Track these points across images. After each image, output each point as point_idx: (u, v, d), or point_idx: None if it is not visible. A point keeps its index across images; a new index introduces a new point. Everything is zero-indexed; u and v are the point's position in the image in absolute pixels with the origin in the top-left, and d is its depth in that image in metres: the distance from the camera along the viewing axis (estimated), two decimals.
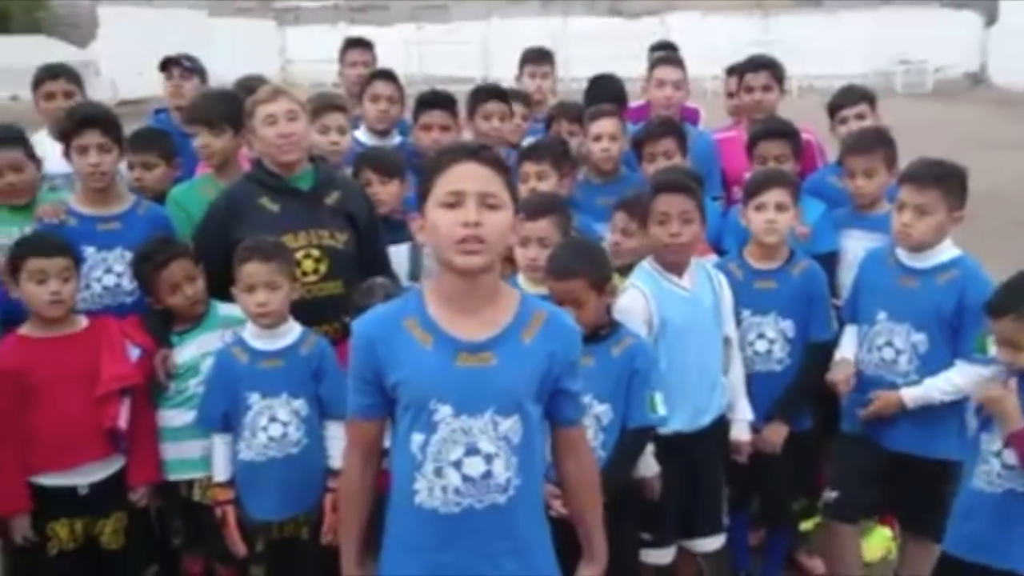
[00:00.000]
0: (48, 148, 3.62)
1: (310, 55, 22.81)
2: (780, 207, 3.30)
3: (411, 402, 2.06)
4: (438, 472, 2.05)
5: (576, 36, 14.99)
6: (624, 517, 2.92)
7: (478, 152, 2.06)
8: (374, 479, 2.22)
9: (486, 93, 4.24)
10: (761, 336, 3.33)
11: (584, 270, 2.81)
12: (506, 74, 5.63)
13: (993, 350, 2.82)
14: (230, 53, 21.18)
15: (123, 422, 2.97)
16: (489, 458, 2.05)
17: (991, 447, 2.72)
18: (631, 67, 6.84)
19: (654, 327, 3.04)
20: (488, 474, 2.05)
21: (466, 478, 2.05)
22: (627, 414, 2.86)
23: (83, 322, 3.07)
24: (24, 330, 3.02)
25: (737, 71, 4.41)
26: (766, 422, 3.32)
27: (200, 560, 3.28)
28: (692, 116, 4.73)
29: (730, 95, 4.75)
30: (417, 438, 2.06)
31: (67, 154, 3.26)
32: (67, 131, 3.24)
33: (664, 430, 2.99)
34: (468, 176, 2.00)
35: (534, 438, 2.13)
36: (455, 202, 1.99)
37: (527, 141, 4.29)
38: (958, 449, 3.01)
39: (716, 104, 5.12)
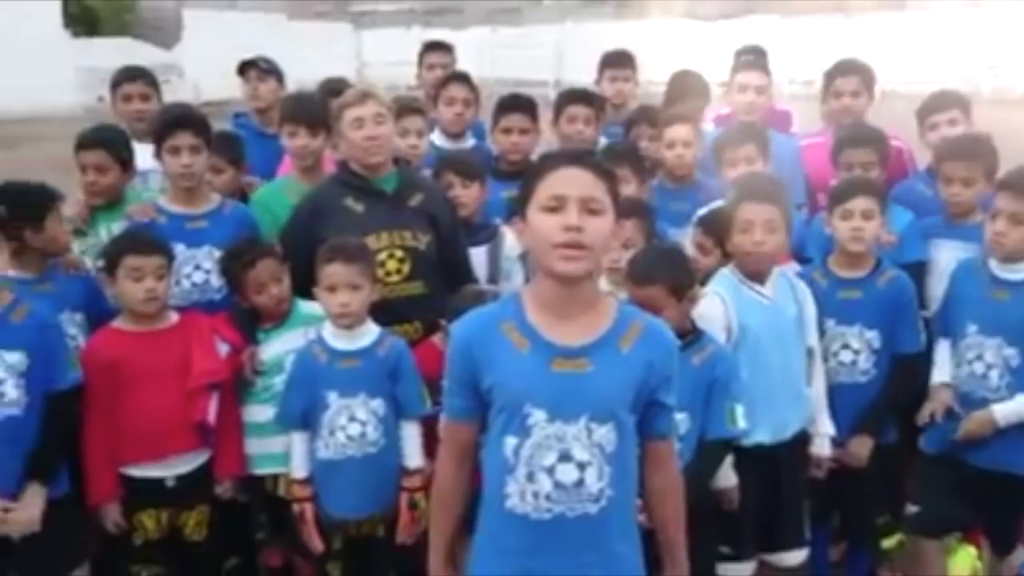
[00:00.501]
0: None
1: (385, 58, 23.08)
2: (866, 215, 3.22)
3: (505, 405, 2.07)
4: (530, 477, 2.05)
5: (651, 40, 14.86)
6: (702, 529, 2.87)
7: (582, 157, 2.06)
8: (467, 481, 2.22)
9: (572, 96, 4.23)
10: (846, 347, 3.25)
11: (664, 276, 2.79)
12: (579, 78, 5.60)
13: None
14: (308, 56, 21.64)
15: (211, 416, 3.05)
16: (582, 466, 2.04)
17: None
18: (708, 71, 6.75)
19: (733, 335, 3.00)
20: (580, 482, 2.04)
21: (558, 484, 2.04)
22: (706, 425, 2.83)
23: (174, 317, 3.15)
24: (118, 324, 3.11)
25: (826, 75, 4.31)
26: (851, 435, 3.24)
27: (280, 554, 3.34)
28: (783, 120, 4.65)
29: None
30: (510, 441, 2.06)
31: (158, 154, 3.35)
32: (160, 132, 3.34)
33: (746, 442, 2.94)
34: (571, 181, 1.99)
35: (629, 449, 2.11)
36: (557, 206, 1.98)
37: (603, 142, 4.29)
38: None
39: (795, 109, 5.03)
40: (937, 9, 22.79)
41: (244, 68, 4.65)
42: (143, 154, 3.62)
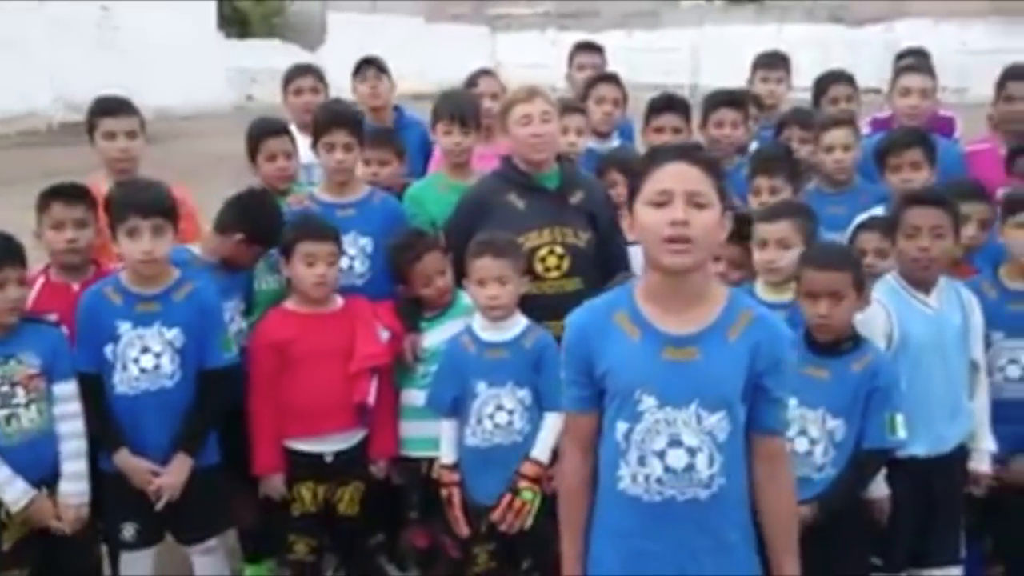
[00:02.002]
0: (298, 141, 3.91)
1: (520, 60, 23.34)
2: None
3: (617, 392, 2.11)
4: (641, 460, 2.09)
5: (793, 43, 14.51)
6: (852, 539, 2.83)
7: (687, 151, 2.09)
8: (593, 473, 2.23)
9: (719, 99, 4.22)
10: (1013, 361, 3.13)
11: (851, 265, 2.78)
12: (716, 81, 5.52)
13: None
14: (445, 58, 22.10)
15: (371, 398, 3.18)
16: (692, 451, 2.07)
17: None
18: (857, 78, 6.54)
19: (894, 343, 2.93)
20: (690, 467, 2.07)
21: (668, 468, 2.07)
22: (864, 433, 2.78)
23: (340, 301, 3.30)
24: (289, 305, 3.29)
25: (999, 79, 4.13)
26: (1013, 453, 3.11)
27: (427, 536, 3.45)
28: (946, 126, 4.49)
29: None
30: (622, 427, 2.11)
31: (315, 147, 3.52)
32: (318, 128, 3.52)
33: (901, 453, 2.87)
34: (676, 175, 2.02)
35: (742, 440, 2.12)
36: (663, 201, 2.02)
37: (754, 146, 4.24)
38: None
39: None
40: None
41: (360, 68, 4.72)
42: (307, 147, 3.81)
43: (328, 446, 3.22)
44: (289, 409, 3.19)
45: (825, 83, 4.58)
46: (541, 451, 3.05)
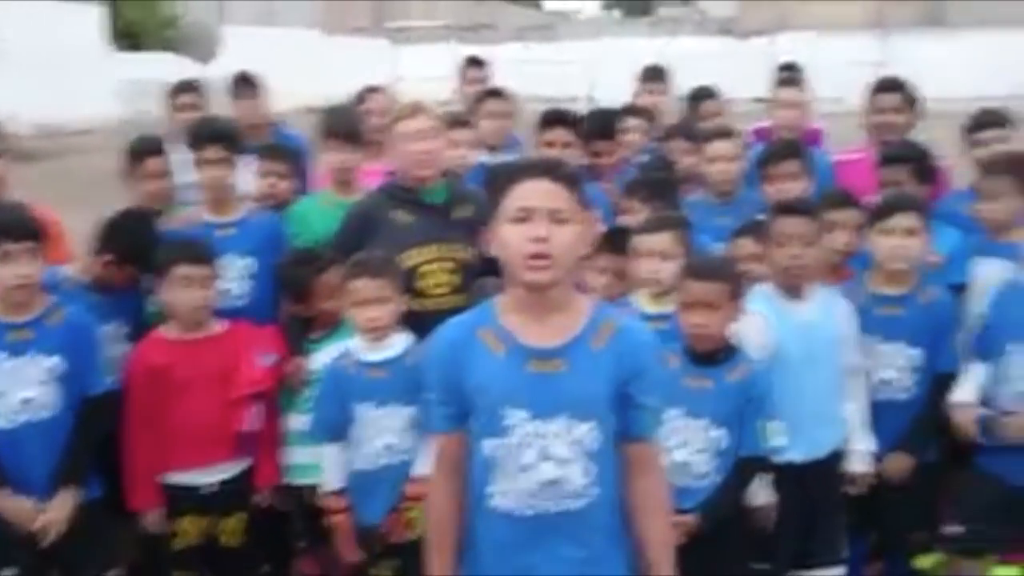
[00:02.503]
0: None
1: (421, 73, 23.26)
2: (909, 232, 3.20)
3: (484, 407, 2.10)
4: (511, 476, 2.08)
5: (684, 56, 14.84)
6: (733, 545, 2.87)
7: (546, 168, 2.10)
8: (462, 496, 2.19)
9: (551, 119, 4.12)
10: (887, 365, 3.22)
11: (728, 275, 2.83)
12: (611, 94, 5.67)
13: None
14: (344, 71, 21.85)
15: (252, 426, 3.09)
16: (563, 463, 2.07)
17: None
18: (741, 88, 6.77)
19: (769, 352, 2.99)
20: (562, 479, 2.07)
21: (539, 482, 2.07)
22: (740, 442, 2.83)
23: (218, 326, 3.20)
24: (163, 331, 3.16)
25: (869, 91, 4.30)
26: (890, 452, 3.21)
27: (317, 563, 3.35)
28: (815, 137, 4.65)
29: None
30: (490, 443, 2.09)
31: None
32: (192, 144, 3.45)
33: (778, 459, 2.93)
34: (537, 192, 2.03)
35: (614, 450, 2.13)
36: (524, 217, 2.02)
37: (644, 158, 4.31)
38: None
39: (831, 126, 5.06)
40: (977, 28, 22.54)
41: (236, 84, 4.67)
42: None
43: (209, 477, 3.12)
44: (168, 439, 3.07)
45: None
46: (424, 467, 3.00)
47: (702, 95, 5.00)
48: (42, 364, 2.86)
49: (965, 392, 3.17)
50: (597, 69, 23.78)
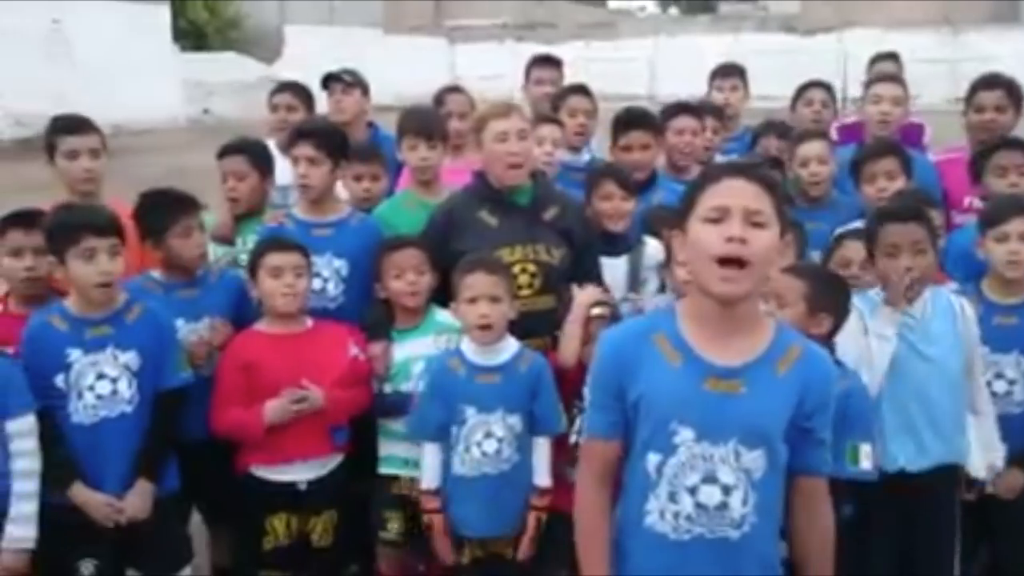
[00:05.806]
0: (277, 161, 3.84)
1: (479, 71, 23.29)
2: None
3: (650, 419, 2.00)
4: (672, 496, 1.99)
5: (748, 54, 14.58)
6: None
7: (747, 168, 2.00)
8: (610, 504, 2.13)
9: (676, 108, 4.19)
10: (1000, 376, 3.08)
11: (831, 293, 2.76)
12: (673, 91, 5.56)
13: None
14: (403, 70, 21.97)
15: (341, 420, 3.09)
16: (727, 489, 1.97)
17: None
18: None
19: (879, 368, 2.85)
20: (724, 505, 1.97)
21: (700, 506, 1.98)
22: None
23: (309, 323, 3.18)
24: (259, 326, 3.16)
25: (969, 88, 4.13)
26: (1005, 466, 3.07)
27: (399, 565, 3.29)
28: (915, 133, 4.49)
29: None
30: (653, 458, 2.00)
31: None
32: (286, 143, 3.44)
33: (890, 468, 2.83)
34: (734, 191, 1.93)
35: (778, 479, 2.03)
36: (719, 217, 1.91)
37: (720, 158, 4.20)
38: None
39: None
40: None
41: (327, 81, 4.60)
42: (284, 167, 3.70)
43: (301, 474, 3.09)
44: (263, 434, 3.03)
45: (802, 88, 4.67)
46: (546, 478, 2.97)
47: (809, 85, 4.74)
48: (120, 359, 2.88)
49: None
50: (658, 66, 23.61)
